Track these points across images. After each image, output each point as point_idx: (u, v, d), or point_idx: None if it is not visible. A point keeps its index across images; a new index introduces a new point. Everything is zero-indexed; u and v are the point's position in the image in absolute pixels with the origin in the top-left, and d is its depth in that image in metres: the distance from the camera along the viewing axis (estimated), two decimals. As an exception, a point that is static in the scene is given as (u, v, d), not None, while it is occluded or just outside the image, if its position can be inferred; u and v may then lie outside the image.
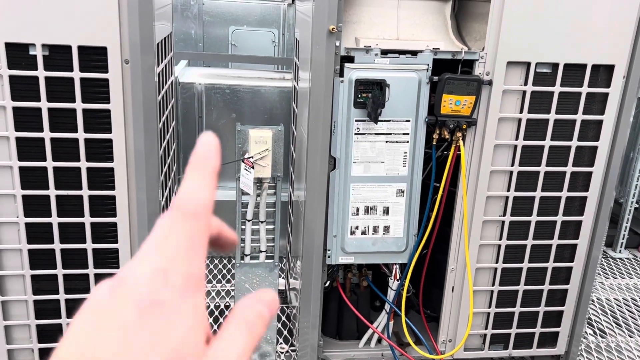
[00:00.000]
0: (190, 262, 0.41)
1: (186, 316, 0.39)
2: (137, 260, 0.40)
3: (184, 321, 0.38)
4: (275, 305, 0.42)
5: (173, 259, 0.40)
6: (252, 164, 2.07)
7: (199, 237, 0.42)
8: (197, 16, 4.89)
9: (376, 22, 2.11)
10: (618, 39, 2.04)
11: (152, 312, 0.38)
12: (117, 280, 0.40)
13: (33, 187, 1.86)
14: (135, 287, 0.39)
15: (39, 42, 1.73)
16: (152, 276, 0.40)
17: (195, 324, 0.39)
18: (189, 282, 0.40)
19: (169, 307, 0.39)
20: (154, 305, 0.38)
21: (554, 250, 2.26)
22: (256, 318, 0.40)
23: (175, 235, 0.41)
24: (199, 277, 0.40)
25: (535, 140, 2.10)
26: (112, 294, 0.39)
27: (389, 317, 2.35)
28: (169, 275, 0.40)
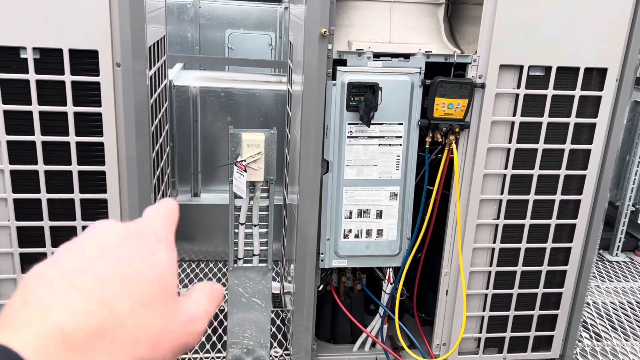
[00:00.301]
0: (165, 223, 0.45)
1: (167, 249, 0.42)
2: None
3: (165, 252, 0.42)
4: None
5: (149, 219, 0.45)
6: (244, 167, 2.07)
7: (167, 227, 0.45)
8: (193, 19, 4.89)
9: (369, 25, 2.11)
10: (611, 43, 2.03)
11: (136, 238, 0.41)
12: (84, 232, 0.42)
13: (24, 190, 1.86)
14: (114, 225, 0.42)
15: (30, 46, 1.73)
16: (130, 223, 0.43)
17: (173, 260, 0.42)
18: (166, 232, 0.44)
19: (151, 239, 0.42)
20: (137, 234, 0.41)
21: (548, 254, 2.25)
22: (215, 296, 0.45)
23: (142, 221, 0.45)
24: (172, 236, 0.45)
25: (529, 143, 2.10)
26: (85, 234, 0.41)
27: (382, 321, 2.35)
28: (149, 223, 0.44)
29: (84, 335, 0.34)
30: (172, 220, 0.46)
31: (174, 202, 0.48)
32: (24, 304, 0.36)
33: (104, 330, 0.35)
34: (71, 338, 0.34)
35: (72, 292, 0.35)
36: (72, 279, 0.36)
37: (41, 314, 0.35)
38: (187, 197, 3.35)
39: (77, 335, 0.34)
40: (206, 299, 0.44)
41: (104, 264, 0.38)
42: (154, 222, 0.44)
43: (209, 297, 0.44)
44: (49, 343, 0.33)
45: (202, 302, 0.43)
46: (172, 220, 0.46)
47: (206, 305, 0.43)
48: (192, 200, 3.32)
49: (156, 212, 0.46)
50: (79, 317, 0.35)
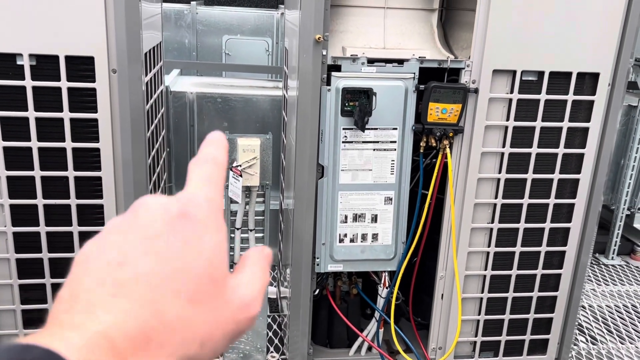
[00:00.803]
0: (211, 190, 0.42)
1: (214, 231, 0.39)
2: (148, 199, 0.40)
3: (213, 235, 0.39)
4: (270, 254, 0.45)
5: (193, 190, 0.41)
6: (240, 172, 2.08)
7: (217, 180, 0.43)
8: (190, 25, 4.91)
9: (363, 31, 2.13)
10: (603, 47, 2.05)
11: (181, 222, 0.38)
12: (130, 210, 0.40)
13: (21, 196, 1.87)
14: (159, 204, 0.39)
15: (26, 52, 1.74)
16: (174, 199, 0.40)
17: (222, 240, 0.40)
18: (212, 205, 0.41)
19: (197, 220, 0.39)
20: (182, 217, 0.38)
21: (542, 257, 2.27)
22: (268, 263, 0.43)
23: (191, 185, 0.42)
24: (220, 205, 0.41)
25: (522, 147, 2.11)
26: (131, 216, 0.39)
27: (378, 325, 2.36)
28: (193, 199, 0.40)
29: (129, 341, 0.33)
30: (218, 181, 0.43)
31: (219, 144, 0.44)
32: (71, 300, 0.35)
33: (150, 335, 0.34)
34: (116, 344, 0.33)
35: (116, 292, 0.34)
36: (117, 276, 0.35)
37: (86, 314, 0.34)
38: (184, 203, 3.35)
39: (122, 341, 0.33)
40: (259, 274, 0.41)
41: (148, 258, 0.36)
42: (198, 193, 0.41)
43: (262, 269, 0.42)
44: (94, 349, 0.32)
45: (256, 279, 0.41)
46: (218, 181, 0.43)
47: (259, 282, 0.41)
48: (189, 206, 3.32)
49: (200, 175, 0.42)
50: (123, 321, 0.34)
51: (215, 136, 0.45)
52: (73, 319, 0.34)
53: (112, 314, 0.34)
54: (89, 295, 0.35)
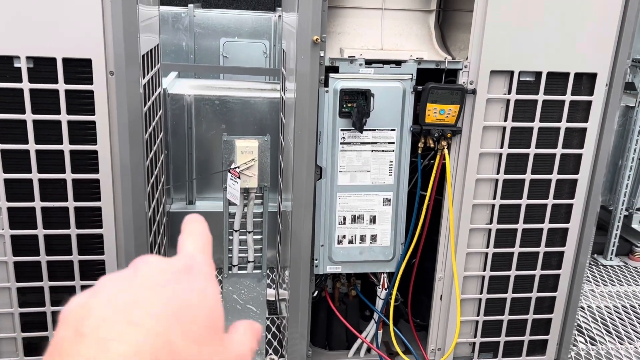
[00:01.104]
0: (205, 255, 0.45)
1: (214, 286, 0.42)
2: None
3: (213, 289, 0.42)
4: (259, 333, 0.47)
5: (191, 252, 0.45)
6: (238, 174, 2.08)
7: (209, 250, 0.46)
8: (188, 28, 4.91)
9: (360, 32, 2.13)
10: (600, 48, 2.06)
11: (186, 275, 0.41)
12: (130, 267, 0.41)
13: (18, 199, 1.86)
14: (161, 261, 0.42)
15: (24, 55, 1.74)
16: (175, 258, 0.43)
17: (219, 296, 0.42)
18: (210, 266, 0.44)
19: (200, 274, 0.42)
20: (187, 270, 0.41)
21: (541, 258, 2.27)
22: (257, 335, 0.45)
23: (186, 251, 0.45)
24: (214, 270, 0.45)
25: (520, 148, 2.11)
26: (132, 271, 0.40)
27: (377, 327, 2.35)
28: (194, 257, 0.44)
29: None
30: (209, 249, 0.47)
31: (202, 222, 0.48)
32: (79, 337, 0.35)
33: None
34: None
35: (129, 327, 0.35)
36: (127, 314, 0.36)
37: (100, 347, 0.34)
38: (182, 205, 3.36)
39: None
40: (249, 338, 0.44)
41: (157, 299, 0.37)
42: (196, 256, 0.44)
43: (252, 336, 0.45)
44: None
45: (247, 340, 0.44)
46: (209, 249, 0.47)
47: (250, 343, 0.44)
48: (187, 208, 3.32)
49: (193, 244, 0.46)
50: (138, 352, 0.34)
51: (195, 216, 0.49)
52: (84, 351, 0.34)
53: (128, 345, 0.34)
54: (99, 332, 0.35)
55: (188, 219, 0.49)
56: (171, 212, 3.26)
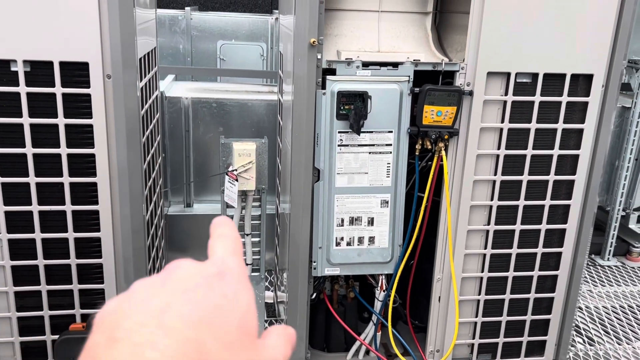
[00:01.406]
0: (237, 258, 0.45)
1: (247, 290, 0.42)
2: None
3: (247, 293, 0.42)
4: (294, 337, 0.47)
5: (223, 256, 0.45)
6: (236, 176, 2.08)
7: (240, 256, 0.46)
8: (185, 31, 4.92)
9: (357, 34, 2.13)
10: (596, 49, 2.06)
11: (218, 280, 0.41)
12: (164, 271, 0.41)
13: (15, 203, 1.86)
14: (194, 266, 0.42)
15: (20, 59, 1.74)
16: (208, 263, 0.43)
17: (254, 300, 0.42)
18: (242, 270, 0.44)
19: (232, 279, 0.42)
20: (219, 275, 0.41)
21: (539, 259, 2.27)
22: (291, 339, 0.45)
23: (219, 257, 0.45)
24: (247, 273, 0.45)
25: (517, 149, 2.12)
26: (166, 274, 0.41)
27: (376, 329, 2.35)
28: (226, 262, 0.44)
29: None
30: (240, 252, 0.47)
31: (230, 224, 0.48)
32: (113, 342, 0.35)
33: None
34: None
35: (161, 332, 0.35)
36: (160, 319, 0.36)
37: (133, 353, 0.34)
38: (180, 208, 3.35)
39: None
40: (283, 344, 0.44)
41: (189, 304, 0.37)
42: (228, 260, 0.44)
43: (286, 341, 0.44)
44: None
45: (280, 346, 0.43)
46: (240, 252, 0.47)
47: (284, 349, 0.43)
48: (184, 211, 3.32)
49: (224, 248, 0.46)
50: (171, 356, 0.34)
51: (223, 219, 0.49)
52: (117, 356, 0.34)
53: (160, 351, 0.34)
54: (132, 336, 0.35)
55: (216, 222, 0.49)
56: (169, 215, 3.26)
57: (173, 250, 3.27)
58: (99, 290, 1.98)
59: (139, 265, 1.99)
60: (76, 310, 1.99)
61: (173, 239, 3.25)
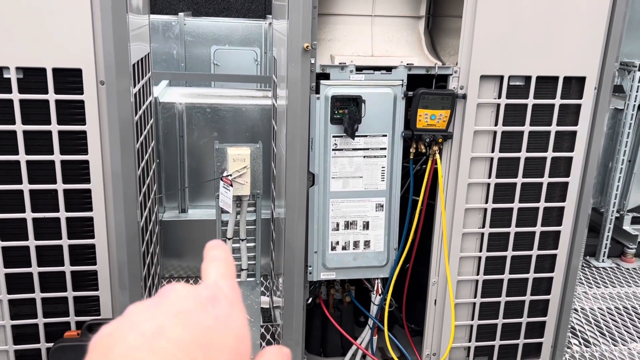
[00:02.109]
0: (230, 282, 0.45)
1: (240, 312, 0.42)
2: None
3: (239, 316, 0.42)
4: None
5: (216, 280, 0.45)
6: (230, 181, 2.08)
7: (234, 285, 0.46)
8: (178, 36, 4.91)
9: (350, 39, 2.14)
10: (588, 52, 2.08)
11: (211, 303, 0.41)
12: (158, 294, 0.42)
13: (9, 210, 1.85)
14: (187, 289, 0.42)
15: (13, 65, 1.73)
16: (201, 286, 0.43)
17: (246, 322, 0.43)
18: (236, 292, 0.44)
19: (225, 302, 0.42)
20: (212, 299, 0.42)
21: (534, 261, 2.27)
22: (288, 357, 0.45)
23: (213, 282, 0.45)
24: (240, 295, 0.45)
25: (511, 152, 2.12)
26: (159, 298, 0.41)
27: (372, 333, 2.35)
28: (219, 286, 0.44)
29: None
30: (233, 274, 0.47)
31: (223, 247, 0.49)
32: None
33: None
34: None
35: (153, 356, 0.35)
36: (152, 342, 0.36)
37: None
38: (175, 214, 3.34)
39: None
40: None
41: (181, 326, 0.37)
42: (221, 283, 0.44)
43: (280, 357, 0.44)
44: None
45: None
46: (233, 274, 0.47)
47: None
48: (179, 217, 3.31)
49: (217, 271, 0.46)
50: None
51: (217, 242, 0.49)
52: None
53: None
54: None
55: (209, 246, 0.49)
56: (164, 220, 3.25)
57: (168, 256, 3.26)
58: (94, 297, 1.97)
59: (133, 272, 1.98)
60: (71, 317, 1.98)
61: (168, 245, 3.24)
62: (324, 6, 2.11)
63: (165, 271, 3.29)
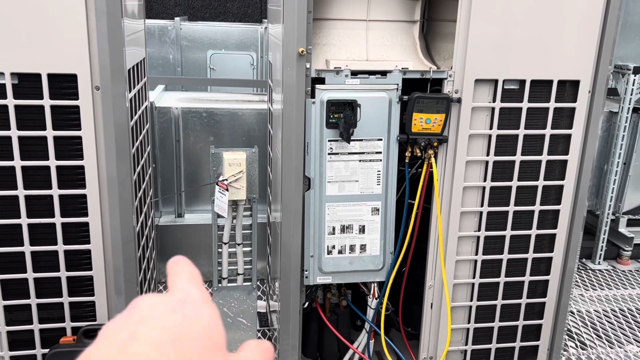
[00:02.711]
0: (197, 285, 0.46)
1: (209, 307, 0.44)
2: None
3: (209, 310, 0.44)
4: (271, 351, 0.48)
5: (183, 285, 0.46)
6: (226, 186, 2.08)
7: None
8: (175, 41, 4.92)
9: (346, 44, 2.14)
10: (582, 55, 2.09)
11: (180, 305, 0.43)
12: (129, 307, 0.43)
13: (4, 215, 1.85)
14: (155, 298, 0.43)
15: (8, 71, 1.73)
16: (168, 293, 0.45)
17: (218, 315, 0.44)
18: (204, 293, 0.46)
19: (193, 302, 0.44)
20: (180, 301, 0.43)
21: (529, 264, 2.28)
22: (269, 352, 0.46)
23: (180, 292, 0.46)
24: (209, 296, 0.47)
25: (506, 155, 2.13)
26: (131, 309, 0.43)
27: (369, 336, 2.35)
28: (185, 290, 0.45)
29: None
30: (199, 280, 0.48)
31: (185, 260, 0.50)
32: None
33: None
34: None
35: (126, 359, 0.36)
36: (124, 348, 0.37)
37: None
38: (171, 218, 3.34)
39: None
40: (257, 357, 0.44)
41: (152, 329, 0.39)
42: (187, 287, 0.45)
43: (259, 355, 0.45)
44: None
45: (255, 358, 0.44)
46: (199, 280, 0.48)
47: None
48: (175, 221, 3.31)
49: (182, 279, 0.47)
50: None
51: (177, 258, 0.50)
52: None
53: None
54: None
55: (171, 263, 0.50)
56: (160, 225, 3.24)
57: (164, 260, 3.25)
58: (90, 302, 1.97)
59: (129, 277, 1.98)
60: (67, 323, 1.97)
61: (164, 250, 3.23)
62: (319, 11, 2.12)
63: (161, 276, 3.29)
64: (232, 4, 6.53)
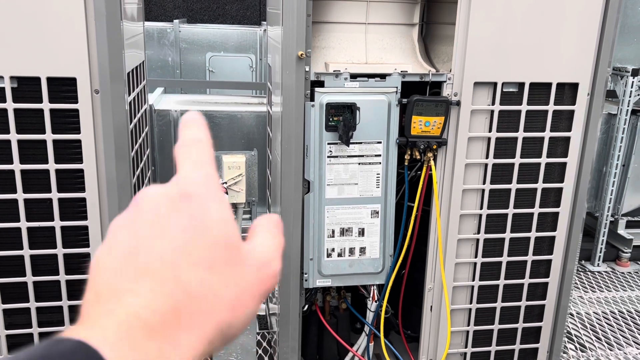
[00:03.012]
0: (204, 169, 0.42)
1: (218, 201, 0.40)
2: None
3: (217, 205, 0.40)
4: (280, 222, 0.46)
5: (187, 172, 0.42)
6: (225, 189, 2.08)
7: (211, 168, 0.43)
8: (173, 43, 4.92)
9: (345, 46, 2.15)
10: (581, 58, 2.09)
11: (184, 201, 0.39)
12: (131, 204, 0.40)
13: (3, 219, 1.84)
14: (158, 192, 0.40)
15: (7, 75, 1.73)
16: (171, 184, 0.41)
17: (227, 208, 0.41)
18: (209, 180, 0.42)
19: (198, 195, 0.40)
20: (184, 196, 0.39)
21: (529, 266, 2.28)
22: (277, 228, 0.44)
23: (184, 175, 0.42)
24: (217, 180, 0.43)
25: (505, 158, 2.13)
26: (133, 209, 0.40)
27: (369, 339, 2.35)
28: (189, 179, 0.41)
29: (160, 317, 0.34)
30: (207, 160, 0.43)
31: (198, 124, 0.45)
32: (97, 297, 0.36)
33: (178, 307, 0.35)
34: (149, 323, 0.34)
35: (137, 277, 0.35)
36: (133, 263, 0.36)
37: (114, 302, 0.35)
38: (170, 221, 3.33)
39: (153, 319, 0.34)
40: (271, 236, 0.42)
41: (159, 239, 0.37)
42: (192, 175, 0.41)
43: (272, 232, 0.43)
44: (128, 330, 0.33)
45: (268, 241, 0.42)
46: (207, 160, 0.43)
47: (273, 243, 0.42)
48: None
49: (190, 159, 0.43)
50: (150, 300, 0.35)
51: (192, 116, 0.46)
52: (102, 309, 0.35)
53: (139, 295, 0.35)
54: (112, 286, 0.36)
55: (184, 122, 0.45)
56: (159, 228, 3.24)
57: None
58: (89, 306, 1.96)
59: (129, 280, 1.98)
60: (66, 327, 1.97)
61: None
62: (318, 14, 2.12)
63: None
64: (231, 6, 6.54)
